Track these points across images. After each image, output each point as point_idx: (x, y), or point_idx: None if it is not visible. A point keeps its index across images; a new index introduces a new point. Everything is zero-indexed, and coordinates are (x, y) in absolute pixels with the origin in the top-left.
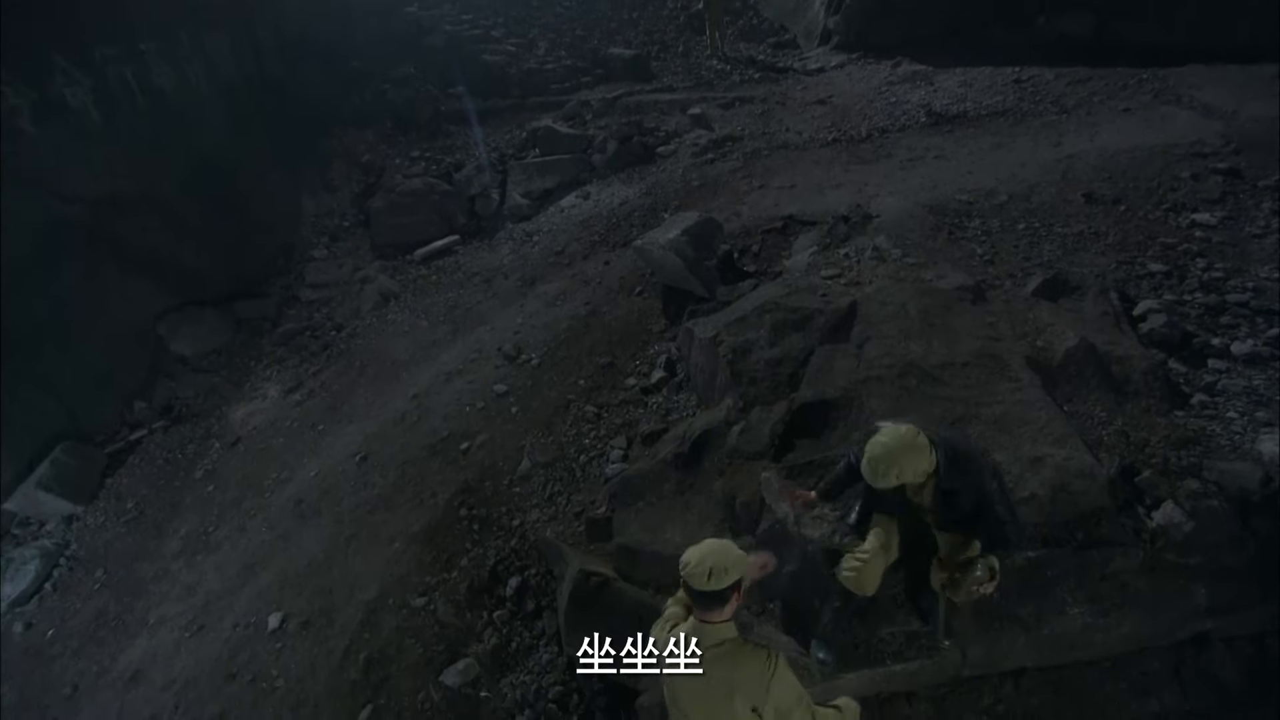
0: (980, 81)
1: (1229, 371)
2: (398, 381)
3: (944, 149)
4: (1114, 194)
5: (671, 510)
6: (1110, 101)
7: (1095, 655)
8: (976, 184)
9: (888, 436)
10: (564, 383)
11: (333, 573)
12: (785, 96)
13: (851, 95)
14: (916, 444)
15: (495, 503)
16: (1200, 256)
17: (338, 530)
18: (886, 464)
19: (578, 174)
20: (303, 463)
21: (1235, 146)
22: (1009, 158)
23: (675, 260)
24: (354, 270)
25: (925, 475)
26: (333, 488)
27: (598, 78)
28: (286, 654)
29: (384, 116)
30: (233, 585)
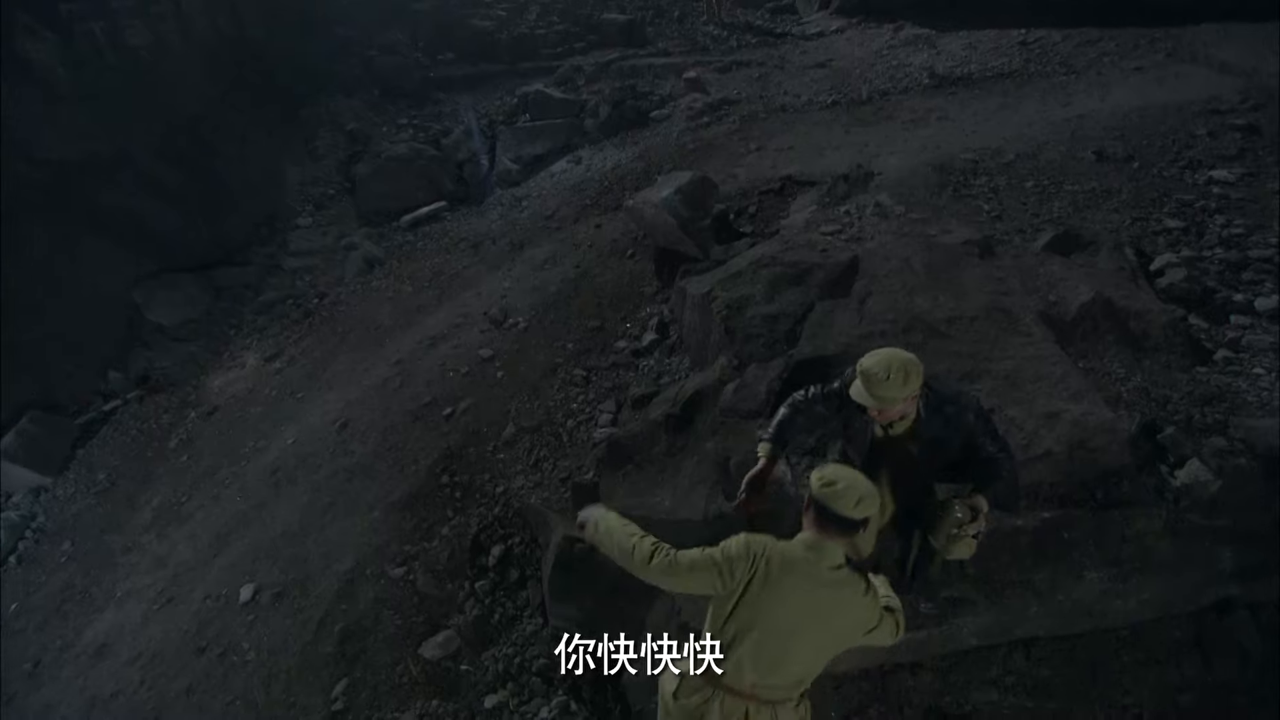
0: (985, 44)
1: (1253, 327)
2: (380, 347)
3: (947, 110)
4: (1126, 151)
5: (662, 473)
6: (1121, 62)
7: (1113, 623)
8: (982, 143)
9: (876, 353)
10: (551, 346)
11: (308, 543)
12: (783, 60)
13: (851, 59)
14: (909, 356)
15: (478, 469)
16: (1219, 213)
17: (315, 499)
18: (884, 368)
19: (569, 139)
20: (280, 431)
21: (1253, 103)
22: (1015, 118)
23: (668, 220)
24: (339, 238)
25: (914, 397)
26: (311, 456)
27: (591, 43)
28: (259, 626)
29: (371, 84)
30: (204, 556)
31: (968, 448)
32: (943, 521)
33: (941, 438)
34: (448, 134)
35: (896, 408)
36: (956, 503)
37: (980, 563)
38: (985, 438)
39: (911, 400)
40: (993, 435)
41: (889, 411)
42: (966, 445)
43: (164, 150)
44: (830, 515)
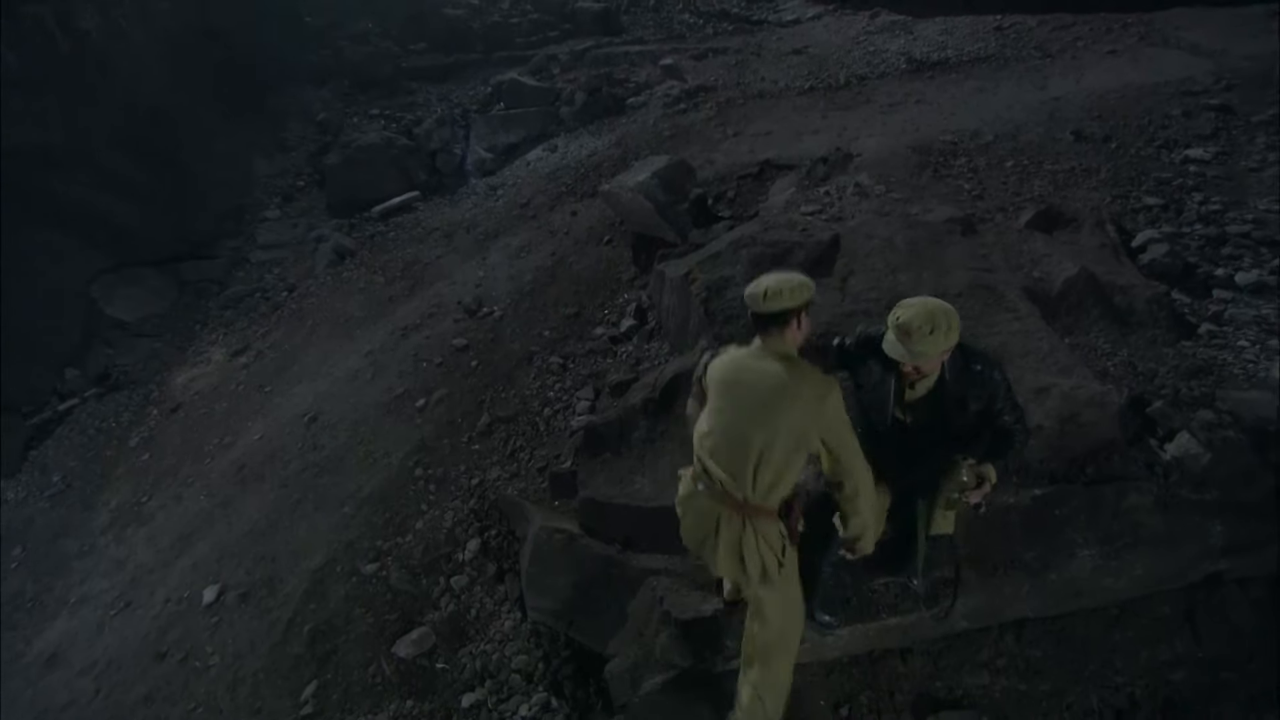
0: (961, 29)
1: (1235, 301)
2: (351, 339)
3: (925, 94)
4: (1104, 132)
5: (641, 459)
6: (1095, 45)
7: (1103, 602)
8: (960, 125)
9: (911, 303)
10: (528, 335)
11: (276, 540)
12: (760, 47)
13: (828, 45)
14: (947, 306)
15: (453, 461)
16: (1196, 190)
17: (283, 495)
18: (925, 320)
19: (545, 127)
20: (247, 426)
21: (1226, 84)
22: (993, 100)
23: (645, 204)
24: (308, 230)
25: (947, 353)
26: (278, 451)
27: (565, 32)
28: (223, 629)
29: (341, 74)
30: (166, 558)
31: (986, 414)
32: (947, 481)
33: (965, 398)
34: (420, 123)
35: (929, 363)
36: (965, 466)
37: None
38: (1005, 404)
39: (945, 355)
40: (1013, 404)
41: (926, 364)
42: (985, 411)
43: (123, 140)
44: (754, 320)
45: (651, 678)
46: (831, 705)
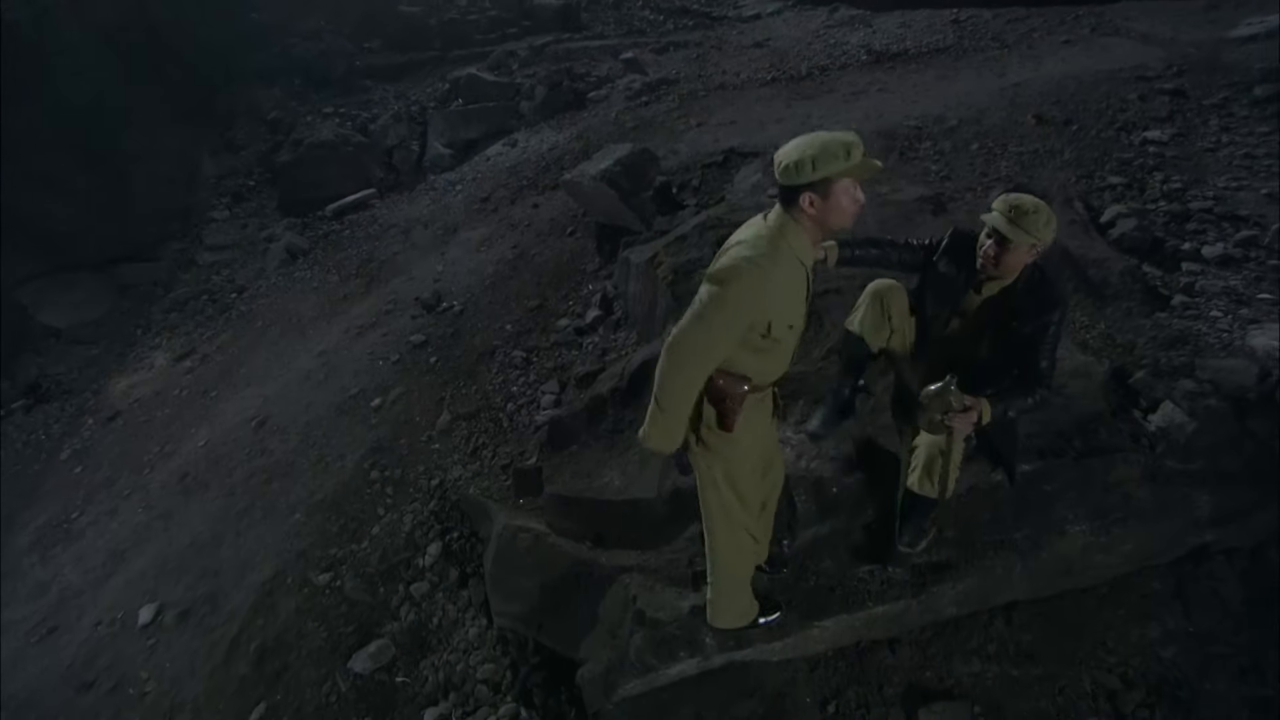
0: (919, 22)
1: (1204, 273)
2: (303, 339)
3: (887, 83)
4: (1064, 115)
5: (610, 451)
6: (1050, 36)
7: (1093, 580)
8: (924, 111)
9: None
10: (489, 329)
11: (220, 553)
12: (721, 41)
13: (789, 39)
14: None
15: (411, 462)
16: (1157, 170)
17: (228, 504)
18: (1034, 203)
19: (504, 122)
20: (190, 433)
21: (1177, 69)
22: (955, 88)
23: (608, 192)
24: (259, 230)
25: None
26: (224, 458)
27: (524, 29)
28: (160, 652)
29: (293, 73)
30: (97, 577)
31: (1030, 342)
32: (936, 398)
33: (1024, 313)
34: (375, 120)
35: (1018, 254)
36: (955, 389)
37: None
38: (1047, 346)
39: (1033, 254)
40: (1052, 350)
41: (1012, 255)
42: (1030, 338)
43: (57, 138)
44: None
45: (626, 682)
46: (818, 703)
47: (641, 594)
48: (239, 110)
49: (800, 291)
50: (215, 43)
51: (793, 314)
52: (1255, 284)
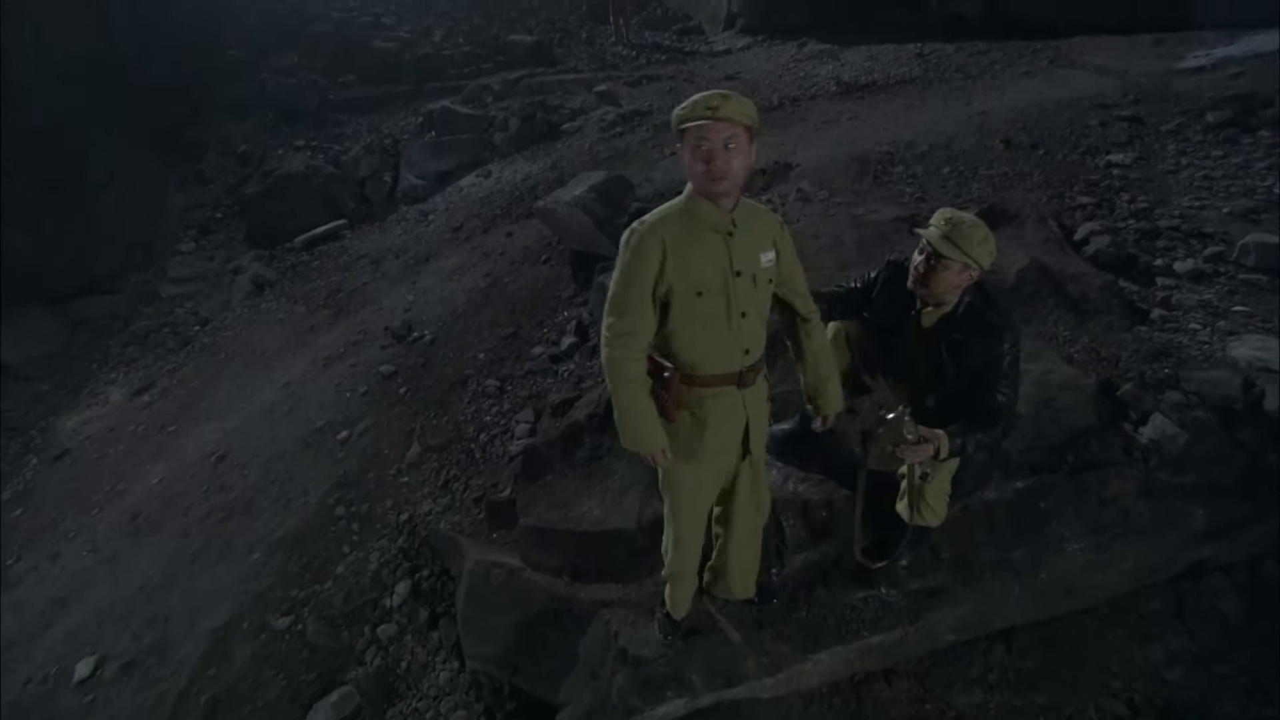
0: (885, 56)
1: (1178, 287)
2: (268, 371)
3: (857, 112)
4: (1031, 140)
5: (587, 480)
6: (1011, 68)
7: (1092, 601)
8: (895, 137)
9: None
10: (461, 358)
11: (171, 598)
12: (693, 74)
13: (760, 72)
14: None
15: (379, 497)
16: (1123, 191)
17: (181, 545)
18: (971, 218)
19: (478, 154)
20: (145, 470)
21: (1133, 98)
22: (923, 116)
23: (582, 218)
24: (226, 262)
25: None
26: (179, 495)
27: (499, 64)
28: (97, 710)
29: (266, 107)
30: (31, 630)
31: (979, 376)
32: (888, 429)
33: (966, 344)
34: (347, 152)
35: (949, 274)
36: (909, 422)
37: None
38: (1004, 379)
39: (966, 277)
40: (1011, 381)
41: (943, 275)
42: (980, 372)
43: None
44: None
45: None
46: None
47: (624, 630)
48: (209, 143)
49: (708, 253)
50: (187, 77)
51: (698, 279)
52: (1229, 297)
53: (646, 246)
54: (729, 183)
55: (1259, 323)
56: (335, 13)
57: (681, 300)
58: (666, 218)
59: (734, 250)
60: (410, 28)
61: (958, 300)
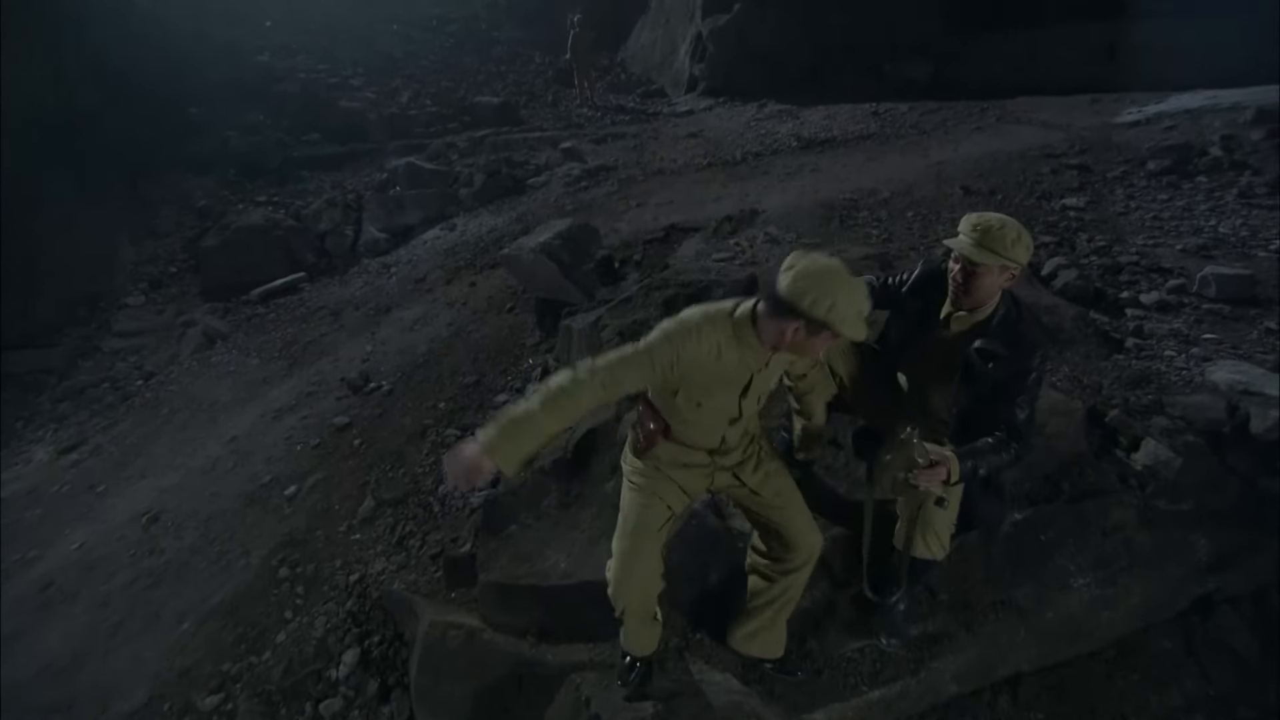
0: (843, 115)
1: (1148, 318)
2: (214, 426)
3: (819, 165)
4: (988, 187)
5: (554, 530)
6: (962, 124)
7: (1100, 643)
8: (857, 186)
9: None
10: (420, 408)
11: (80, 678)
12: (657, 132)
13: (722, 130)
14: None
15: (327, 556)
16: (1081, 231)
17: (99, 617)
18: (1000, 219)
19: (442, 208)
20: (64, 534)
21: (1079, 148)
22: (883, 167)
23: (548, 265)
24: (177, 315)
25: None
26: (102, 561)
27: (465, 124)
28: None
29: (228, 163)
30: None
31: (1004, 389)
32: (898, 454)
33: (995, 357)
34: (308, 206)
35: (988, 278)
36: (919, 444)
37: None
38: (1024, 395)
39: (1007, 278)
40: (1031, 400)
41: (983, 280)
42: (1001, 389)
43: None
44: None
45: None
46: None
47: (596, 695)
48: (166, 198)
49: (731, 385)
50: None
51: (707, 395)
52: (1197, 325)
53: (676, 346)
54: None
55: (1229, 349)
56: (302, 73)
57: (684, 397)
58: (723, 337)
59: (755, 380)
60: (377, 89)
61: (993, 309)
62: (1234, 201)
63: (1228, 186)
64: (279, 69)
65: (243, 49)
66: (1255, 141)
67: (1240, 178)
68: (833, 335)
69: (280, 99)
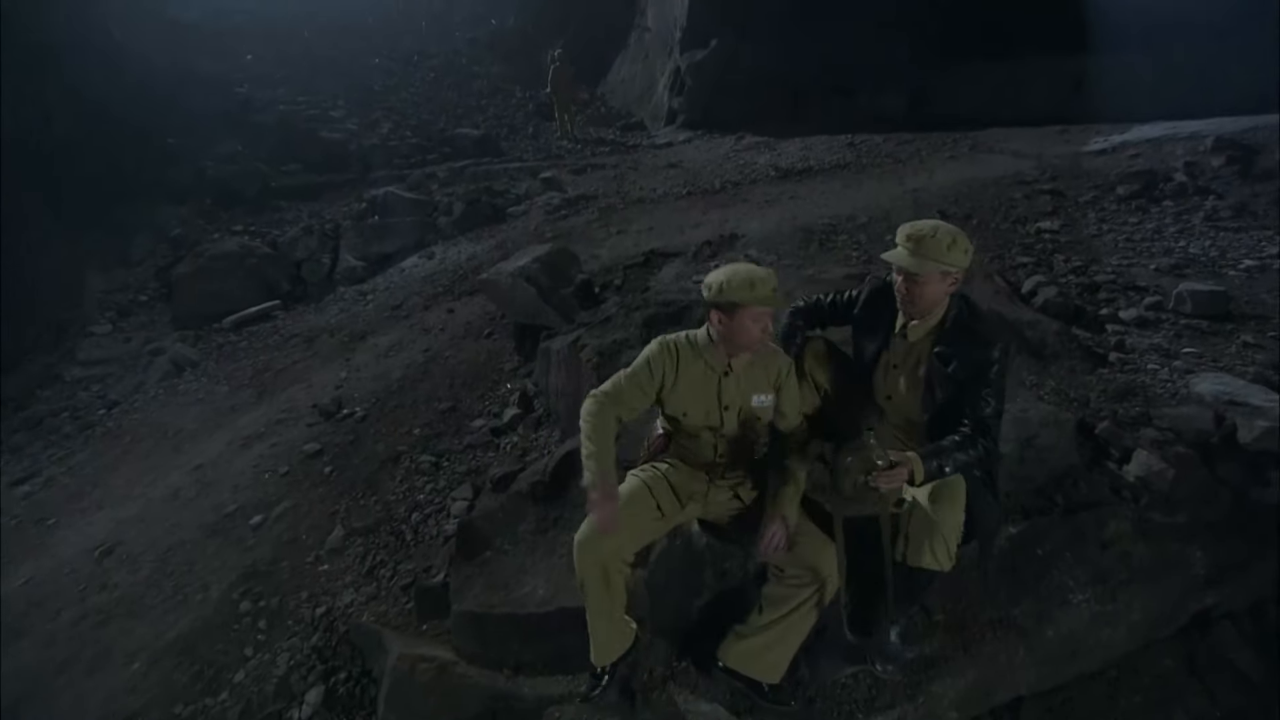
0: (819, 146)
1: (1129, 333)
2: (178, 454)
3: (797, 192)
4: (964, 212)
5: (532, 555)
6: (936, 154)
7: (1102, 662)
8: (835, 212)
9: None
10: (394, 434)
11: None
12: (637, 163)
13: (701, 161)
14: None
15: (293, 588)
16: (1057, 252)
17: (43, 658)
18: (931, 226)
19: (421, 236)
20: (10, 571)
21: (1050, 175)
22: (860, 194)
23: (527, 289)
24: (145, 344)
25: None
26: (50, 597)
27: (445, 155)
28: None
29: (204, 192)
30: None
31: (966, 387)
32: (856, 458)
33: (955, 358)
34: (285, 234)
35: (931, 286)
36: (875, 444)
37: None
38: (987, 389)
39: (950, 283)
40: (995, 393)
41: (926, 288)
42: (967, 384)
43: None
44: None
45: None
46: None
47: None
48: (140, 226)
49: (703, 392)
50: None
51: (688, 406)
52: (1177, 340)
53: (655, 365)
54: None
55: (1210, 363)
56: (282, 104)
57: (672, 408)
58: (686, 347)
59: (724, 389)
60: (358, 120)
61: (945, 313)
62: (1201, 224)
63: (1194, 210)
64: (259, 100)
65: (223, 81)
66: (1216, 168)
67: (1205, 202)
68: (745, 309)
69: (259, 129)
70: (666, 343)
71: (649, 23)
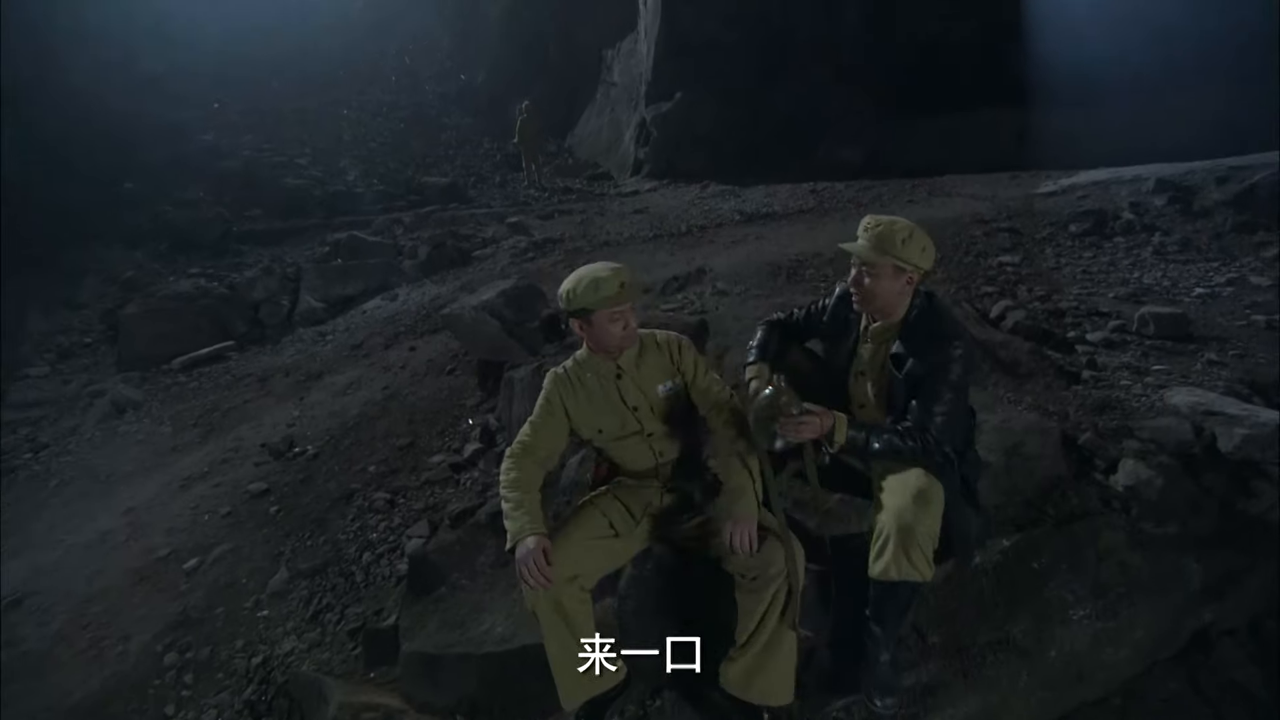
0: (782, 193)
1: (1098, 352)
2: (109, 497)
3: (763, 234)
4: None
5: (490, 591)
6: (896, 199)
7: (1106, 687)
8: (801, 249)
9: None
10: (347, 471)
11: None
12: (603, 209)
13: (667, 207)
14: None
15: (226, 637)
16: (1020, 283)
17: None
18: (889, 219)
19: (385, 279)
20: None
21: (1006, 215)
22: (824, 235)
23: (491, 323)
24: (85, 386)
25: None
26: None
27: (412, 202)
28: None
29: (161, 237)
30: None
31: (921, 384)
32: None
33: (911, 355)
34: (242, 276)
35: (885, 281)
36: (786, 387)
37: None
38: (943, 386)
39: (905, 281)
40: (954, 389)
41: (882, 284)
42: (923, 380)
43: None
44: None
45: None
46: None
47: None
48: (88, 269)
49: (604, 402)
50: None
51: (599, 421)
52: (1145, 358)
53: (552, 397)
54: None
55: (1180, 378)
56: (248, 151)
57: (588, 431)
58: (570, 367)
59: (624, 390)
60: (323, 168)
61: (906, 312)
62: (1151, 257)
63: (1143, 245)
64: (224, 147)
65: (188, 128)
66: (1159, 207)
67: (1153, 238)
68: (597, 313)
69: (224, 176)
70: (555, 372)
71: (615, 77)
